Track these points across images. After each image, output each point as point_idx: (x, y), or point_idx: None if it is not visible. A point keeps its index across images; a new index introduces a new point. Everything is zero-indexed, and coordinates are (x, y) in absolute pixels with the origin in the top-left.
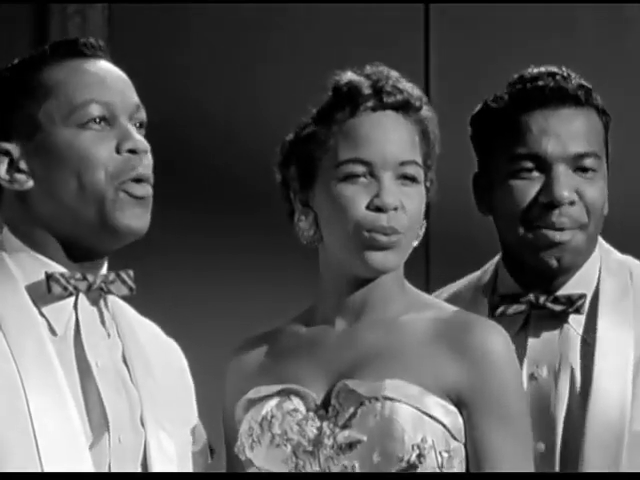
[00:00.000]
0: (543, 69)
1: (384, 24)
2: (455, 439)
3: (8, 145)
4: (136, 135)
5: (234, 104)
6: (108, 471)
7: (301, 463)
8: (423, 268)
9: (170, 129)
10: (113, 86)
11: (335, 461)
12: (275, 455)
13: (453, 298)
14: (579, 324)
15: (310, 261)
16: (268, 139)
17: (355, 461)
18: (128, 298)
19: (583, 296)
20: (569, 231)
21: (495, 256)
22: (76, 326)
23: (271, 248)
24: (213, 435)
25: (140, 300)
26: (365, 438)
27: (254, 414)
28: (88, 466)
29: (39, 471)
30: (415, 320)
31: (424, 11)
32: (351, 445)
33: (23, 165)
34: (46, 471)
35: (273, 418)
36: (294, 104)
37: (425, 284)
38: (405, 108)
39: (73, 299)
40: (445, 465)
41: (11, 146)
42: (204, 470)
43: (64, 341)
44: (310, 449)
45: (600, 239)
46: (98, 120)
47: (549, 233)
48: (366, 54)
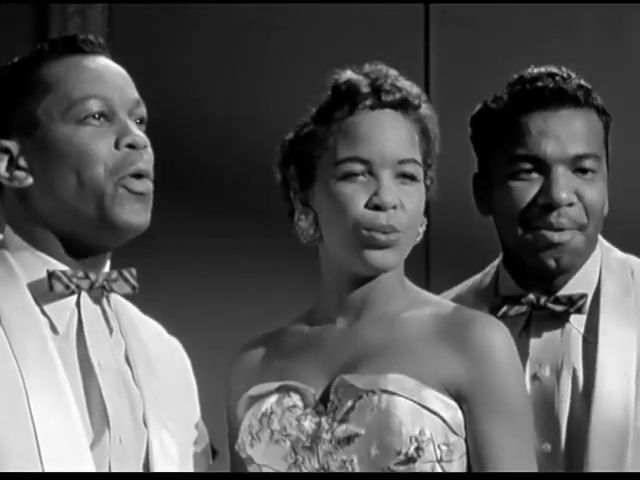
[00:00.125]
0: (543, 70)
1: (384, 24)
2: (455, 433)
3: (8, 143)
4: (135, 130)
5: (234, 104)
6: (108, 471)
7: (300, 459)
8: (423, 268)
9: (170, 129)
10: (112, 82)
11: (334, 456)
12: (274, 451)
13: (455, 301)
14: (580, 324)
15: (310, 261)
16: (268, 139)
17: (353, 455)
18: (129, 297)
19: (584, 296)
20: (568, 231)
21: (495, 257)
22: (79, 324)
23: (271, 248)
24: (214, 435)
25: (140, 300)
26: (363, 431)
27: (254, 411)
28: (89, 466)
29: (40, 471)
30: (416, 317)
31: (424, 11)
32: (349, 439)
33: (22, 162)
34: (47, 471)
35: (272, 414)
36: (294, 104)
37: (425, 285)
38: (404, 106)
39: (75, 297)
40: (444, 459)
41: (11, 144)
42: (205, 471)
43: (66, 340)
44: (309, 444)
45: (601, 238)
46: (97, 116)
47: (548, 234)
48: (366, 54)
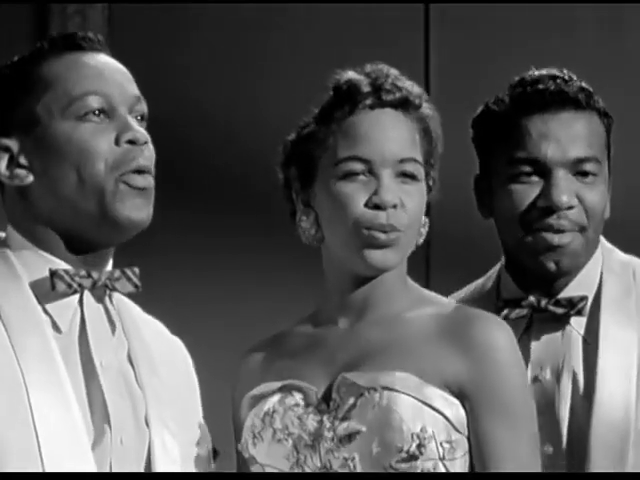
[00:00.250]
0: (544, 72)
1: (384, 24)
2: (457, 431)
3: (8, 141)
4: (135, 126)
5: (234, 104)
6: (109, 471)
7: (302, 458)
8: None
9: (170, 129)
10: (111, 78)
11: (335, 454)
12: (277, 450)
13: None
14: (580, 325)
15: (310, 260)
16: (268, 139)
17: (355, 453)
18: (132, 296)
19: (584, 298)
20: (569, 233)
21: (496, 258)
22: (81, 323)
23: (271, 248)
24: (216, 435)
25: (140, 300)
26: (364, 429)
27: (257, 410)
28: (91, 466)
29: (40, 469)
30: (418, 316)
31: (424, 11)
32: (350, 436)
33: (23, 160)
34: (47, 469)
35: (275, 413)
36: (294, 104)
37: (425, 285)
38: (404, 106)
39: (78, 296)
40: (447, 456)
41: (11, 142)
42: (207, 471)
43: (68, 339)
44: (311, 443)
45: (602, 239)
46: (97, 112)
47: (548, 236)
48: (366, 54)
